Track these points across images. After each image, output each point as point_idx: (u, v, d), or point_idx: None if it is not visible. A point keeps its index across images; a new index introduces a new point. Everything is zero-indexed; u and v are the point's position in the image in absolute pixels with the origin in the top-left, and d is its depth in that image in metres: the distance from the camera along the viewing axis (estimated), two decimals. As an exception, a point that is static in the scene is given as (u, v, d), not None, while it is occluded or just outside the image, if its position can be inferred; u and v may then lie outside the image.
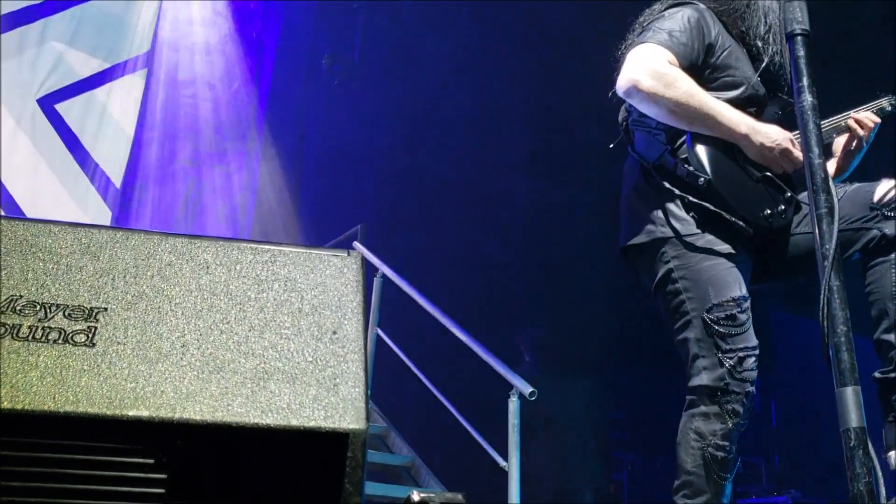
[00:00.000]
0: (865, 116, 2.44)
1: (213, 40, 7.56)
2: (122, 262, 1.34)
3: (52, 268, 1.32)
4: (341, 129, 7.87)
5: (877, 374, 2.23)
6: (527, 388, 3.69)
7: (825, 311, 1.50)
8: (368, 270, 3.64)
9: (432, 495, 1.47)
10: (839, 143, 2.51)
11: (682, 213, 2.36)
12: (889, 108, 2.47)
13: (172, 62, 7.32)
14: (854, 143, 2.46)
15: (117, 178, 6.88)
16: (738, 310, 2.28)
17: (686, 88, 2.34)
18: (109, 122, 6.72)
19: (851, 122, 2.44)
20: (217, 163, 7.49)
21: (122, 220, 6.69)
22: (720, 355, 2.25)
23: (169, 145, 7.22)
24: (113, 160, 6.73)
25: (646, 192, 2.46)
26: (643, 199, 2.46)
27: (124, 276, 1.32)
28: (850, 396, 1.43)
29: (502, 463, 3.73)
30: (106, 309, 1.28)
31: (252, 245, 1.44)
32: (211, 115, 7.50)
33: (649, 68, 2.35)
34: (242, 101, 7.72)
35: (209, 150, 7.49)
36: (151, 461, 1.17)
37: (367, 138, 7.73)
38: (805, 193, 1.64)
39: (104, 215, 6.61)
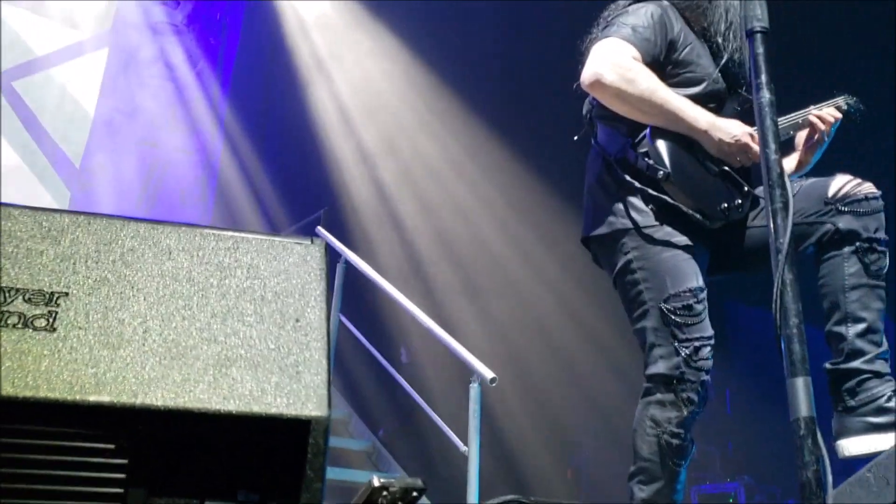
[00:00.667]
0: (827, 112, 2.49)
1: (175, 20, 7.45)
2: (83, 246, 1.33)
3: (12, 251, 1.30)
4: (305, 111, 7.81)
5: (827, 366, 2.29)
6: (488, 375, 3.72)
7: (778, 303, 1.54)
8: (331, 256, 3.64)
9: (392, 480, 1.49)
10: (801, 138, 2.56)
11: (641, 205, 2.40)
12: (845, 107, 2.53)
13: (134, 42, 7.20)
14: (815, 139, 2.52)
15: (76, 158, 6.77)
16: (695, 300, 2.32)
17: (648, 83, 2.38)
18: (69, 101, 6.60)
19: (812, 118, 2.49)
20: (178, 144, 7.40)
21: (81, 200, 6.59)
22: (676, 344, 2.30)
23: (129, 126, 7.11)
24: (72, 140, 6.62)
25: (607, 184, 2.49)
26: (605, 191, 2.50)
27: (86, 261, 1.32)
28: (801, 387, 1.47)
29: (462, 448, 3.76)
30: (67, 294, 1.27)
31: (215, 231, 1.44)
32: (173, 96, 7.40)
33: (612, 62, 2.38)
34: (205, 82, 7.63)
35: (170, 132, 7.39)
36: (112, 446, 1.17)
37: (331, 120, 7.68)
38: (762, 188, 1.67)
39: (63, 195, 6.51)
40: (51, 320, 1.24)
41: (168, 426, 1.20)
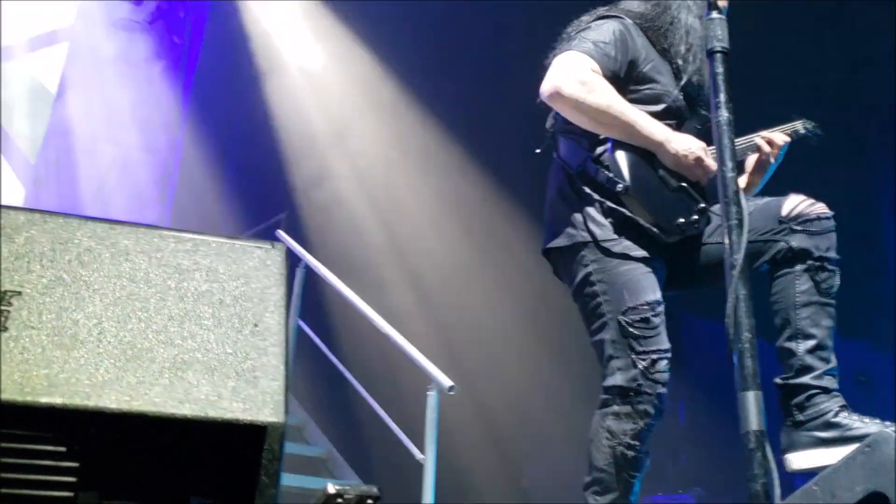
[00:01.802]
0: (776, 136, 2.55)
1: (138, 18, 7.36)
2: (38, 245, 1.31)
3: (-35, 249, 1.28)
4: (268, 113, 7.76)
5: (777, 380, 2.34)
6: (446, 383, 3.73)
7: (732, 318, 1.57)
8: (291, 260, 3.62)
9: (347, 487, 1.48)
10: (751, 160, 2.62)
11: (600, 217, 2.43)
12: (803, 131, 2.59)
13: (96, 38, 7.09)
14: (762, 161, 2.58)
15: (32, 154, 6.65)
16: (652, 313, 2.36)
17: (607, 96, 2.41)
18: (26, 95, 6.48)
19: (760, 141, 2.55)
20: (138, 143, 7.30)
21: (36, 197, 6.46)
22: (634, 356, 2.33)
23: (88, 122, 7.00)
24: (28, 135, 6.50)
25: (569, 196, 2.52)
26: (566, 204, 2.53)
27: (41, 260, 1.30)
28: (752, 400, 1.50)
29: (419, 456, 3.76)
30: (20, 293, 1.25)
31: (174, 233, 1.43)
32: (134, 94, 7.29)
33: (572, 75, 2.41)
34: (167, 80, 7.54)
35: (130, 130, 7.29)
36: (63, 449, 1.15)
37: (294, 123, 7.64)
38: (718, 205, 1.71)
39: (17, 191, 6.38)
40: (2, 320, 1.22)
41: (121, 429, 1.18)
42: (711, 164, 2.40)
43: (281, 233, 5.49)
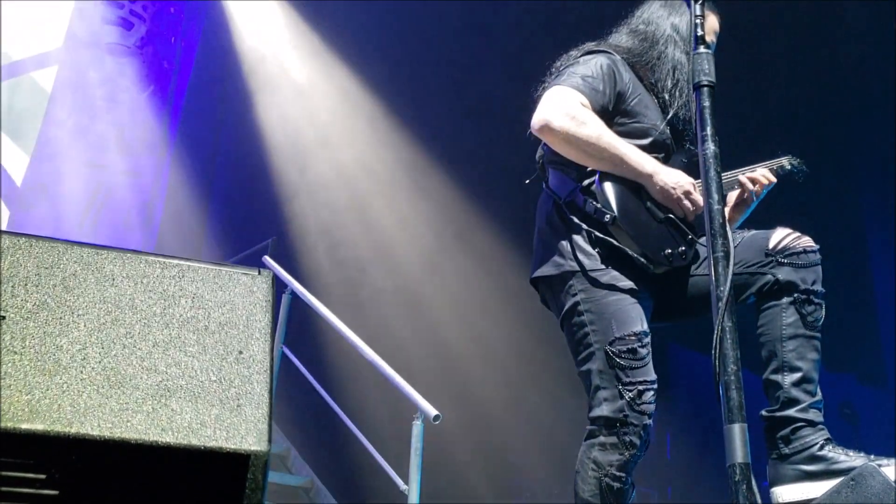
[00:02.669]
0: (761, 174, 2.58)
1: (128, 42, 7.38)
2: (23, 269, 1.30)
3: (-52, 272, 1.27)
4: (256, 139, 7.77)
5: (763, 413, 2.34)
6: (432, 412, 3.71)
7: (718, 350, 1.57)
8: (277, 286, 3.60)
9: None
10: (731, 196, 2.64)
11: (588, 247, 2.44)
12: (788, 167, 2.62)
13: (85, 61, 7.10)
14: (745, 198, 2.60)
15: (18, 177, 6.62)
16: (639, 344, 2.36)
17: (595, 129, 2.43)
18: (12, 117, 6.46)
19: (743, 179, 2.57)
20: (125, 168, 7.28)
21: (21, 220, 6.42)
22: (620, 387, 2.32)
23: (75, 146, 6.98)
24: (14, 157, 6.47)
25: (557, 226, 2.53)
26: (554, 233, 2.54)
27: (25, 284, 1.29)
28: (737, 433, 1.50)
29: (402, 486, 3.73)
30: (4, 317, 1.24)
31: (160, 259, 1.42)
32: (122, 118, 7.29)
33: (561, 108, 2.44)
34: (155, 105, 7.54)
35: (118, 154, 7.27)
36: (43, 476, 1.14)
37: (282, 150, 7.65)
38: (705, 237, 1.72)
39: (2, 214, 6.34)
40: (-15, 344, 1.20)
41: (103, 457, 1.17)
42: (699, 199, 2.42)
43: (268, 259, 5.46)
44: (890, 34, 5.54)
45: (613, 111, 2.54)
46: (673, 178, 2.45)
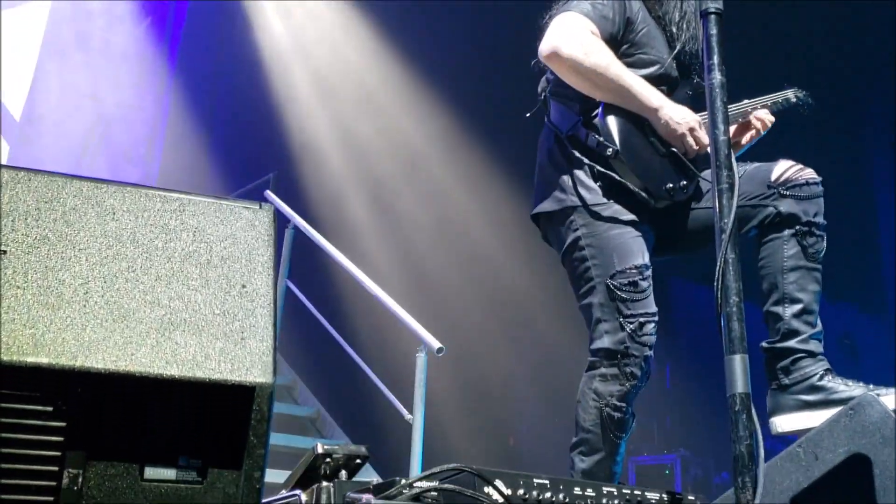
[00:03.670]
0: (766, 116, 2.54)
1: (125, -29, 7.22)
2: (23, 203, 1.29)
3: (-53, 207, 1.26)
4: (258, 72, 7.66)
5: (764, 345, 2.36)
6: (435, 344, 3.74)
7: (720, 282, 1.58)
8: (280, 221, 3.60)
9: (336, 447, 1.49)
10: (733, 129, 2.60)
11: (590, 181, 2.43)
12: (794, 100, 2.58)
13: (80, -8, 6.96)
14: (747, 136, 2.57)
15: (16, 111, 6.56)
16: (640, 277, 2.37)
17: (604, 58, 2.39)
18: (8, 51, 6.36)
19: (754, 120, 2.54)
20: (124, 100, 7.20)
21: (20, 154, 6.39)
22: (622, 320, 2.34)
23: (73, 79, 6.89)
24: (12, 91, 6.40)
25: (558, 161, 2.52)
26: (555, 168, 2.52)
27: (25, 219, 1.28)
28: (738, 364, 1.51)
29: (407, 416, 3.79)
30: (5, 252, 1.24)
31: (161, 192, 1.41)
32: (120, 49, 7.18)
33: (571, 36, 2.39)
34: (154, 36, 7.42)
35: (116, 87, 7.18)
36: (50, 409, 1.15)
37: (284, 83, 7.55)
38: (707, 171, 1.70)
39: (2, 149, 6.30)
40: (-13, 279, 1.20)
41: (108, 389, 1.18)
42: (703, 136, 2.39)
43: (269, 193, 5.45)
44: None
45: (621, 40, 2.49)
46: (679, 114, 2.42)
